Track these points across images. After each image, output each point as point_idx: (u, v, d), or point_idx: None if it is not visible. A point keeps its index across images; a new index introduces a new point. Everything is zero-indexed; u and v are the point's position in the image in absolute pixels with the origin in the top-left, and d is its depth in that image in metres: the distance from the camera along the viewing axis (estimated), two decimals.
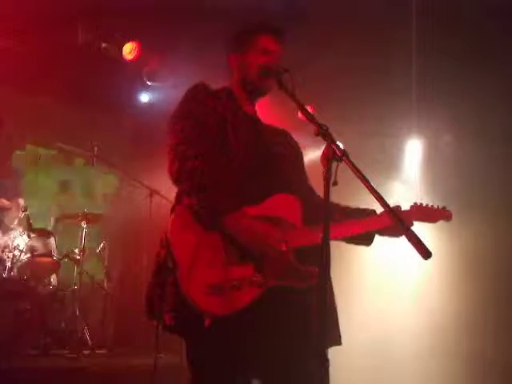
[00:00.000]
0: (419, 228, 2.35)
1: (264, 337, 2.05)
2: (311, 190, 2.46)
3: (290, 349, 2.10)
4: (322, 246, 1.79)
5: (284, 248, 2.06)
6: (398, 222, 1.96)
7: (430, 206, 2.41)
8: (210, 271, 2.01)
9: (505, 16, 4.86)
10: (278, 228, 2.10)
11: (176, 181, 2.14)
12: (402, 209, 2.35)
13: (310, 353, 2.05)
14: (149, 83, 6.76)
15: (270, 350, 2.08)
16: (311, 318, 2.10)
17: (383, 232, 2.34)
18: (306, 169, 2.54)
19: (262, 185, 2.20)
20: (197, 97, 2.28)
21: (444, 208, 2.43)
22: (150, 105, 7.25)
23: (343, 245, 2.39)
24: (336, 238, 2.14)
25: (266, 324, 2.05)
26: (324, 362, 1.72)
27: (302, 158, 2.52)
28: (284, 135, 2.51)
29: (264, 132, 2.38)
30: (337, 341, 2.19)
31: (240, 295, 2.00)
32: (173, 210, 2.17)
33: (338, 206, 2.32)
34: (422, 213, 2.37)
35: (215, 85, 2.44)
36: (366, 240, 2.38)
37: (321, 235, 2.05)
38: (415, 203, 2.39)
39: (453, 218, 2.42)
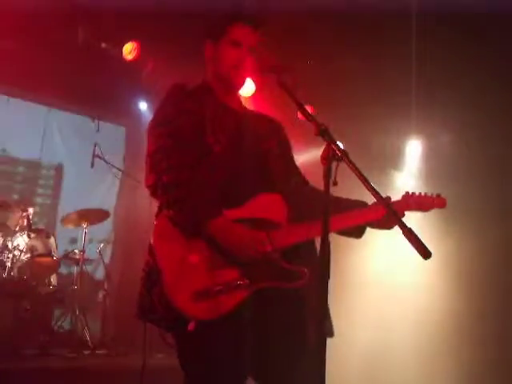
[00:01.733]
0: (419, 229, 2.35)
1: (251, 338, 2.05)
2: (302, 183, 2.42)
3: (278, 349, 2.11)
4: (322, 245, 1.78)
5: (269, 249, 2.05)
6: (398, 222, 1.95)
7: (422, 194, 2.34)
8: (195, 277, 2.00)
9: (505, 16, 4.85)
10: (262, 229, 2.08)
11: (153, 194, 2.11)
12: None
13: (299, 352, 2.10)
14: (149, 83, 6.75)
15: (257, 351, 2.07)
16: (300, 317, 2.12)
17: (374, 224, 2.31)
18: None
19: (246, 185, 2.17)
20: (173, 101, 2.24)
21: (438, 195, 2.37)
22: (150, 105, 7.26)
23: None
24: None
25: (253, 326, 2.05)
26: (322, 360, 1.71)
27: (290, 150, 2.46)
28: (271, 126, 2.45)
29: (249, 126, 2.32)
30: (330, 332, 2.18)
31: (226, 299, 1.99)
32: (156, 216, 2.16)
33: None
34: (414, 202, 2.30)
35: None
36: (357, 232, 2.35)
37: (305, 232, 2.09)
38: (407, 192, 2.33)
39: (447, 204, 2.35)
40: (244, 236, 2.03)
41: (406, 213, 2.29)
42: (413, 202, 2.30)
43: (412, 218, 2.38)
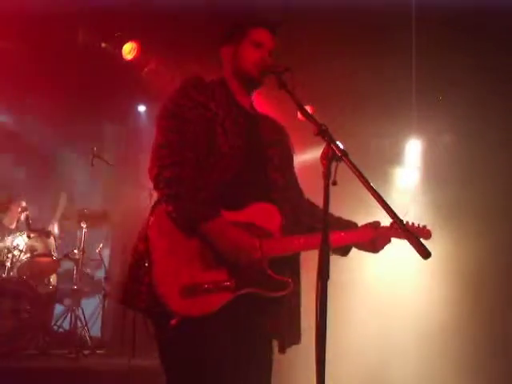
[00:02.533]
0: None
1: (230, 341, 2.06)
2: (299, 195, 2.45)
3: (253, 355, 2.16)
4: (322, 245, 1.78)
5: (259, 256, 2.07)
6: (397, 223, 1.95)
7: (410, 223, 2.36)
8: (185, 273, 2.01)
9: (505, 15, 4.85)
10: (254, 236, 2.10)
11: (155, 187, 2.13)
12: (382, 224, 2.32)
13: (264, 361, 2.19)
14: (149, 83, 6.75)
15: (235, 355, 2.08)
16: (278, 326, 2.19)
17: (362, 246, 2.33)
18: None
19: (245, 191, 2.18)
20: (188, 93, 2.21)
21: (424, 227, 2.42)
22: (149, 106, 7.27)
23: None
24: (315, 248, 2.07)
25: (234, 329, 2.08)
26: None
27: (291, 160, 2.48)
28: (279, 132, 2.46)
29: (256, 130, 2.34)
30: (297, 340, 2.25)
31: (211, 299, 2.01)
32: (155, 206, 2.14)
33: (321, 211, 2.27)
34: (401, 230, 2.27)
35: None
36: (342, 251, 2.37)
37: (297, 245, 2.17)
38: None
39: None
40: (236, 239, 2.05)
41: (406, 215, 2.32)
42: (399, 230, 2.26)
43: (411, 221, 2.39)
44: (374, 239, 2.29)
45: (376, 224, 2.32)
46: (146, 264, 2.03)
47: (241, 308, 2.06)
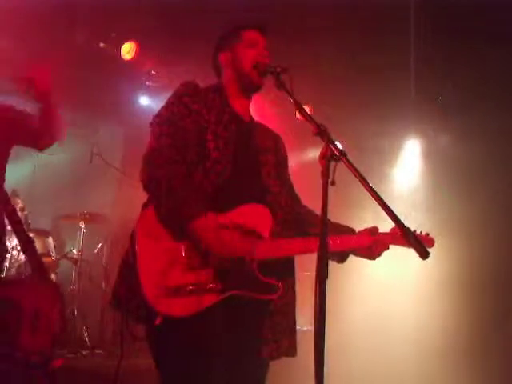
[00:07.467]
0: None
1: (215, 343, 2.06)
2: (295, 202, 2.44)
3: (238, 357, 2.16)
4: (321, 245, 1.78)
5: (248, 258, 2.07)
6: (397, 223, 1.94)
7: (411, 230, 2.25)
8: (170, 274, 2.02)
9: (505, 14, 4.86)
10: (244, 238, 2.10)
11: (145, 188, 2.16)
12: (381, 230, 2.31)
13: (258, 363, 2.19)
14: (147, 83, 6.75)
15: (220, 356, 2.08)
16: (264, 330, 2.19)
17: (359, 252, 2.31)
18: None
19: (237, 196, 2.18)
20: (182, 99, 2.24)
21: (427, 234, 2.39)
22: (149, 104, 7.25)
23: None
24: (311, 252, 2.09)
25: (220, 330, 2.07)
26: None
27: (286, 166, 2.49)
28: (273, 139, 2.47)
29: (250, 136, 2.35)
30: (291, 352, 2.23)
31: (197, 300, 2.01)
32: (143, 208, 2.17)
33: (317, 217, 2.22)
34: (401, 237, 2.20)
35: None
36: (340, 257, 2.35)
37: (288, 249, 2.16)
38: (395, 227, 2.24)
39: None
40: (225, 241, 2.04)
41: (407, 211, 2.31)
42: (400, 237, 2.24)
43: (410, 222, 2.38)
44: (371, 245, 2.26)
45: (374, 230, 2.30)
46: (133, 265, 2.04)
47: (228, 310, 2.06)
